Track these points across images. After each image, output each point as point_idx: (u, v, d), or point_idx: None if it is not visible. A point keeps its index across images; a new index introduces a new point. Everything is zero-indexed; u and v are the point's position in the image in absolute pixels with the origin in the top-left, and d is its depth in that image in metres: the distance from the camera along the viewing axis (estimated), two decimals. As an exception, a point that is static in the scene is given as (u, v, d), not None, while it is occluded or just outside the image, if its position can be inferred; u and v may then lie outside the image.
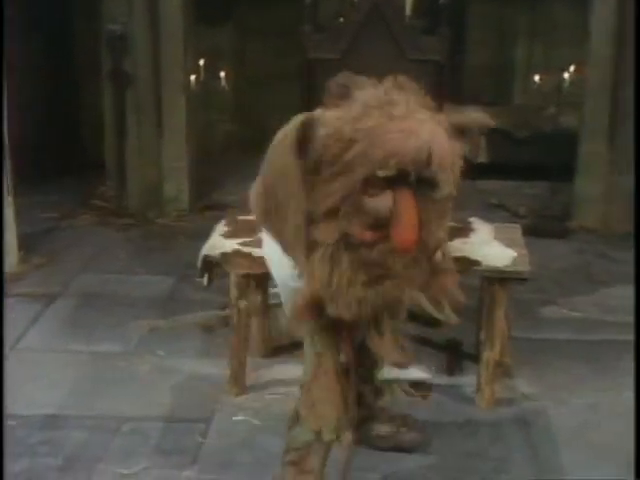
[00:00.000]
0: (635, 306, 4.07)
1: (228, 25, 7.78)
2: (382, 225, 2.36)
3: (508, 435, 3.51)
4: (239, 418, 3.54)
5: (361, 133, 2.30)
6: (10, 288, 4.85)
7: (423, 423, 3.40)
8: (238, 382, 3.71)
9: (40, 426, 3.52)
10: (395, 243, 2.36)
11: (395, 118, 2.36)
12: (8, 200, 5.07)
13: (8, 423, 3.48)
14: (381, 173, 2.30)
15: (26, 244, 5.37)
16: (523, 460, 3.34)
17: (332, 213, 2.35)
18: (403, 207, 2.35)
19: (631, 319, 4.41)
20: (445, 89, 4.94)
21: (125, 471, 3.23)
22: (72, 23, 7.42)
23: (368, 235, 2.37)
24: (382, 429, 3.30)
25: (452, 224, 4.08)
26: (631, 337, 4.27)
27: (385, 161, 2.27)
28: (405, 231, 2.36)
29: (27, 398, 3.72)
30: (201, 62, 7.26)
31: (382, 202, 2.34)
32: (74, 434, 3.47)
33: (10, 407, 3.60)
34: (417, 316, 2.97)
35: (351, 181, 2.31)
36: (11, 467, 3.22)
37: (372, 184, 2.32)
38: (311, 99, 4.86)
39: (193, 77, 6.69)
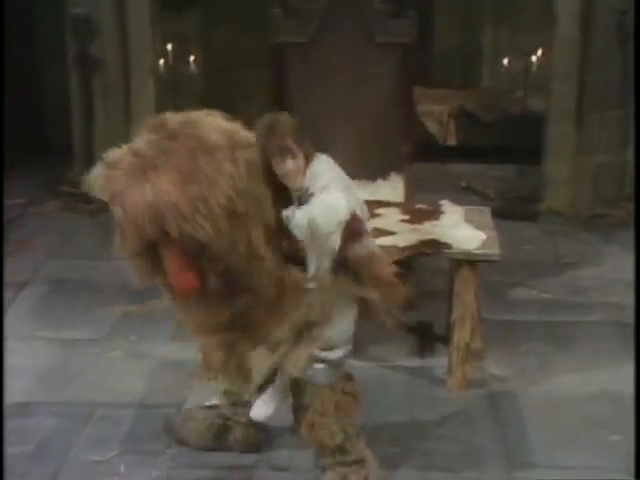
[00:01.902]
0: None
1: (195, 10, 7.71)
2: None
3: (477, 417, 3.55)
4: (211, 403, 3.53)
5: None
6: (-22, 276, 4.81)
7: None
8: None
9: (10, 414, 3.48)
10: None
11: (134, 183, 2.53)
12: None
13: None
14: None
15: (-7, 231, 5.32)
16: (492, 442, 3.38)
17: None
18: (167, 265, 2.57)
19: (600, 299, 4.49)
20: (414, 72, 4.94)
21: (98, 457, 3.23)
22: (33, 6, 7.31)
23: None
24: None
25: (422, 206, 4.12)
26: (599, 317, 4.34)
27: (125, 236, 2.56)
28: (177, 285, 2.59)
29: (-3, 386, 3.70)
30: (169, 46, 7.19)
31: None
32: (45, 421, 3.46)
33: (-21, 395, 3.58)
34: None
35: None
36: (-19, 455, 3.21)
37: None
38: (280, 83, 4.85)
39: (162, 61, 6.63)
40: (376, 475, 2.98)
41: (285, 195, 2.71)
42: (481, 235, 3.69)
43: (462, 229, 3.77)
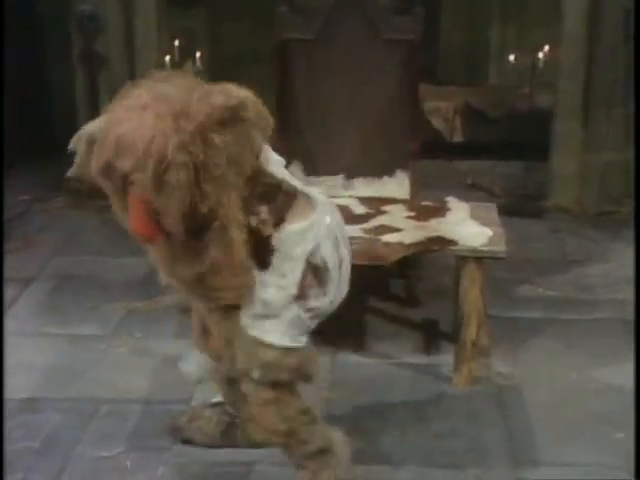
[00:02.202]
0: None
1: (201, 7, 7.72)
2: None
3: (483, 414, 3.55)
4: (217, 400, 3.54)
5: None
6: (-16, 272, 4.83)
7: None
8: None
9: (16, 410, 3.50)
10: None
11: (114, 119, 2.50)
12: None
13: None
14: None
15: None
16: (497, 439, 3.37)
17: None
18: (129, 204, 2.47)
19: (606, 297, 4.48)
20: (420, 69, 4.94)
21: (103, 454, 3.23)
22: (39, 3, 7.32)
23: None
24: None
25: (428, 203, 4.12)
26: (605, 315, 4.34)
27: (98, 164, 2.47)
28: (134, 227, 2.50)
29: (3, 382, 3.70)
30: (176, 43, 7.20)
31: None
32: (51, 417, 3.46)
33: (-15, 391, 3.60)
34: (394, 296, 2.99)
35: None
36: (-12, 451, 3.23)
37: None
38: (284, 80, 4.85)
39: (167, 58, 6.63)
40: (347, 456, 2.87)
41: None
42: (487, 232, 3.68)
43: (468, 226, 3.76)
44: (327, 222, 2.68)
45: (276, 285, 2.61)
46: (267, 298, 2.61)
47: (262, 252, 2.61)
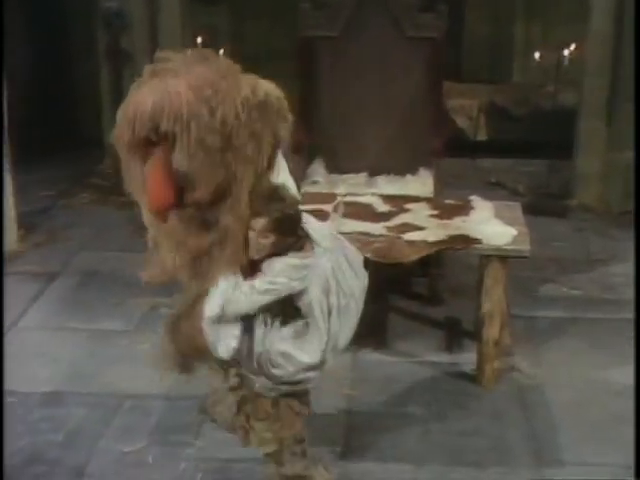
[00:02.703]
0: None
1: (224, 3, 7.73)
2: None
3: (506, 413, 3.53)
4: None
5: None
6: (10, 266, 4.86)
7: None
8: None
9: (41, 403, 3.54)
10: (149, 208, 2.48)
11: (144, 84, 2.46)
12: (6, 178, 5.06)
13: (8, 400, 3.50)
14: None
15: (25, 222, 5.36)
16: (520, 438, 3.36)
17: None
18: (148, 171, 2.44)
19: (630, 296, 4.44)
20: (444, 66, 4.92)
21: (126, 448, 3.25)
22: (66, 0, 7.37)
23: None
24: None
25: (452, 202, 4.11)
26: (629, 315, 4.30)
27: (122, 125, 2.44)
28: (150, 195, 2.46)
29: (27, 375, 3.74)
30: (199, 40, 7.22)
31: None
32: (75, 411, 3.49)
33: (11, 384, 3.62)
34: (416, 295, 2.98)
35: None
36: (13, 444, 3.25)
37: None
38: (308, 77, 4.85)
39: (191, 54, 6.65)
40: None
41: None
42: (512, 231, 3.67)
43: (492, 225, 3.75)
44: (323, 268, 2.62)
45: (245, 293, 2.57)
46: (231, 299, 2.57)
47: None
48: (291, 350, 2.62)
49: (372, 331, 4.12)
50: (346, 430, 3.38)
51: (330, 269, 2.64)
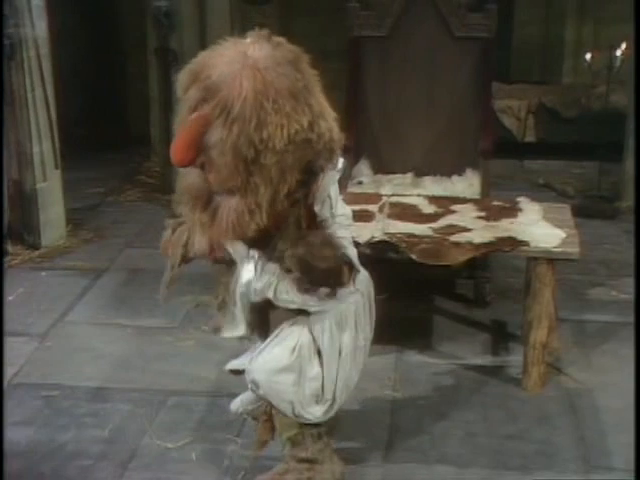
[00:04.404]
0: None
1: (273, 3, 7.75)
2: None
3: (553, 417, 3.48)
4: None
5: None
6: (59, 262, 4.94)
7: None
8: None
9: (86, 398, 3.57)
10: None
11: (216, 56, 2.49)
12: (56, 174, 5.13)
13: (51, 393, 3.56)
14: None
15: (73, 219, 5.43)
16: (568, 443, 3.31)
17: None
18: (186, 122, 2.45)
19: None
20: (493, 67, 4.88)
21: (170, 445, 3.27)
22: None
23: None
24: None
25: (499, 203, 4.06)
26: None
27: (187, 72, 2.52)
28: (175, 145, 2.48)
29: (73, 370, 3.78)
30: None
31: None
32: (120, 407, 3.52)
33: (56, 378, 3.67)
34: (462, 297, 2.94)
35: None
36: (58, 437, 3.29)
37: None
38: (356, 77, 4.83)
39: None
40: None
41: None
42: (560, 233, 3.61)
43: (541, 227, 3.70)
44: (346, 305, 2.67)
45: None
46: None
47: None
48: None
49: (417, 333, 4.10)
50: (390, 431, 3.36)
51: (353, 309, 2.70)
